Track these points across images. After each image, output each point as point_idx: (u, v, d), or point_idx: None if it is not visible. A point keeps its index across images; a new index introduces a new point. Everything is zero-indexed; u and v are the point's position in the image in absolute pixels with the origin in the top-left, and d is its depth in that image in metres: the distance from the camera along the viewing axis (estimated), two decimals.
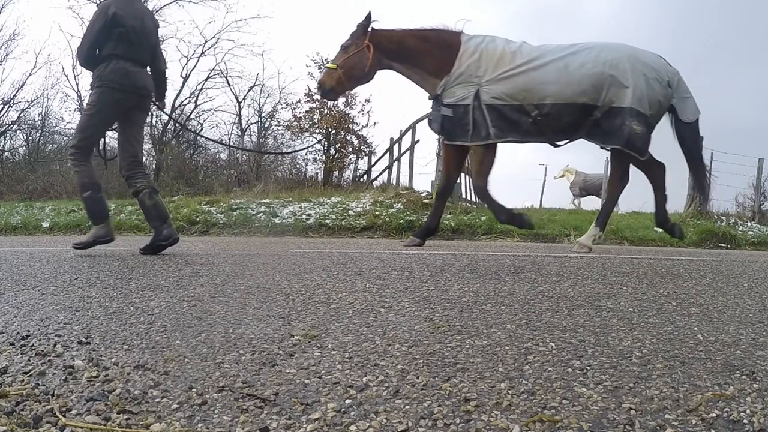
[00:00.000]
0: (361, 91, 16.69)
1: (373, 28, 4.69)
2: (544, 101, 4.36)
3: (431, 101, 4.73)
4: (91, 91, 3.70)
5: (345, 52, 4.71)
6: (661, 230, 7.39)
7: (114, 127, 3.90)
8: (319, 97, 5.28)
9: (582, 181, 16.23)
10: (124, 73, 3.62)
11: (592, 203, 15.51)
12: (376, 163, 15.05)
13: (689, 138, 4.69)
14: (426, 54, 4.60)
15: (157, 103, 4.13)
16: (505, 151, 4.88)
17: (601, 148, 4.69)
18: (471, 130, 4.40)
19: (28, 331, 1.53)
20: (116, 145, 3.91)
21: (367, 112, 15.78)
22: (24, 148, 18.38)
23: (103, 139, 3.91)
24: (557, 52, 4.48)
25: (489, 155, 4.60)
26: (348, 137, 15.60)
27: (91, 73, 3.68)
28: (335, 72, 4.68)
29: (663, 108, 4.52)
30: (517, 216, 4.82)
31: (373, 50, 4.60)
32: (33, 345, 1.39)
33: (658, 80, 4.42)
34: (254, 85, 19.68)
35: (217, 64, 23.44)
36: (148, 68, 3.89)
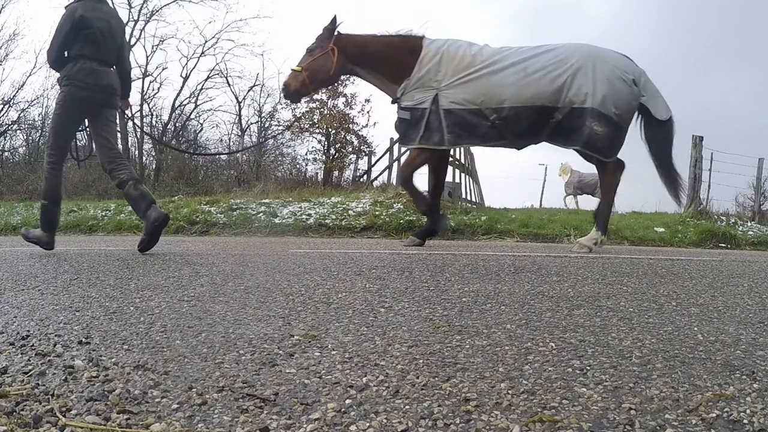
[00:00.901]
0: (361, 92, 16.71)
1: (338, 32, 4.76)
2: (502, 105, 4.37)
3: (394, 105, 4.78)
4: (59, 91, 3.81)
5: (310, 55, 4.78)
6: (662, 230, 7.40)
7: (86, 127, 3.98)
8: (283, 98, 5.40)
9: (577, 181, 16.23)
10: (90, 72, 3.71)
11: (591, 203, 15.46)
12: (376, 163, 15.05)
13: (662, 137, 4.63)
14: (388, 59, 4.66)
15: (120, 103, 4.21)
16: (506, 151, 4.85)
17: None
18: (421, 133, 4.44)
19: (28, 331, 1.53)
20: (95, 147, 4.01)
21: (367, 112, 15.79)
22: (24, 148, 18.40)
23: (75, 140, 4.02)
24: (518, 54, 4.49)
25: (425, 156, 4.70)
26: (348, 137, 15.61)
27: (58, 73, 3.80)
28: (300, 74, 4.76)
29: (632, 107, 4.47)
30: (436, 213, 4.89)
31: (337, 54, 4.66)
32: (33, 345, 1.39)
33: (623, 79, 4.39)
34: (254, 85, 19.71)
35: (217, 64, 23.48)
36: (114, 68, 3.98)
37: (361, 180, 14.66)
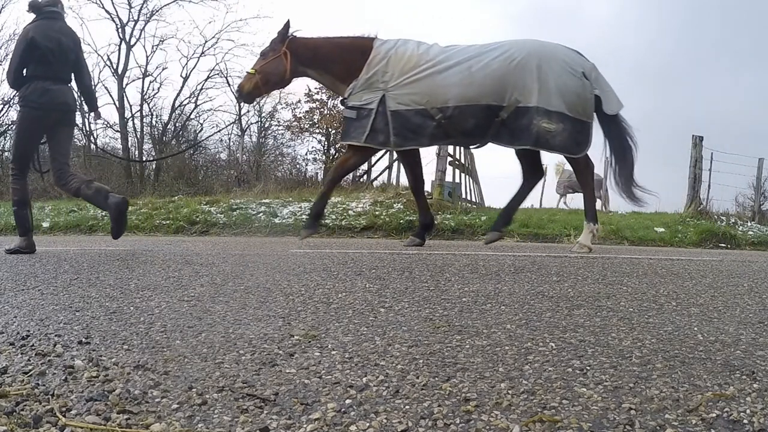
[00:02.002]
0: None
1: (292, 36, 4.87)
2: (446, 104, 4.39)
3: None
4: (18, 110, 4.06)
5: (264, 58, 4.92)
6: (662, 230, 7.40)
7: (44, 141, 4.17)
8: (236, 99, 5.70)
9: (567, 180, 16.22)
10: (42, 92, 3.87)
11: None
12: (376, 163, 15.03)
13: (614, 131, 4.63)
14: (338, 60, 4.75)
15: (90, 114, 4.43)
16: (505, 151, 4.85)
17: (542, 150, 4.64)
18: (367, 132, 4.47)
19: (28, 331, 1.53)
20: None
21: None
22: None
23: (36, 154, 4.22)
24: (464, 53, 4.50)
25: (358, 158, 4.81)
26: None
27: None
28: (254, 77, 4.88)
29: (585, 99, 4.42)
30: (316, 221, 4.95)
31: (290, 57, 4.77)
32: (33, 345, 1.39)
33: (571, 73, 4.37)
34: None
35: (217, 64, 23.46)
36: (74, 83, 4.15)
37: (361, 180, 14.64)
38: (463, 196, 11.04)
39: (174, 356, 1.32)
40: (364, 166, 15.92)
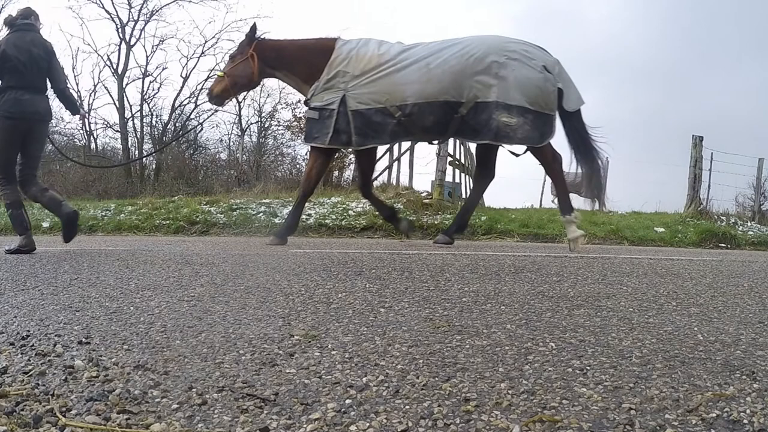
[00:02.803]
0: None
1: (259, 39, 4.98)
2: (405, 102, 4.43)
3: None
4: None
5: (232, 61, 5.04)
6: (662, 230, 7.40)
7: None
8: (207, 102, 5.87)
9: None
10: (14, 102, 3.98)
11: (594, 202, 15.41)
12: (376, 163, 15.02)
13: (573, 128, 4.64)
14: (301, 62, 4.83)
15: (76, 117, 4.66)
16: (505, 151, 4.85)
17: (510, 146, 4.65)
18: (330, 133, 4.54)
19: (28, 331, 1.53)
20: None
21: None
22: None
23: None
24: (423, 51, 4.53)
25: (323, 160, 4.89)
26: None
27: None
28: (223, 80, 5.00)
29: (548, 91, 4.42)
30: (288, 233, 5.05)
31: (256, 59, 4.87)
32: (33, 345, 1.39)
33: (531, 67, 4.38)
34: None
35: (217, 64, 23.42)
36: (51, 91, 4.28)
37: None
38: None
39: (174, 356, 1.32)
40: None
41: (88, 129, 16.88)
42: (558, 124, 4.59)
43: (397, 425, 0.95)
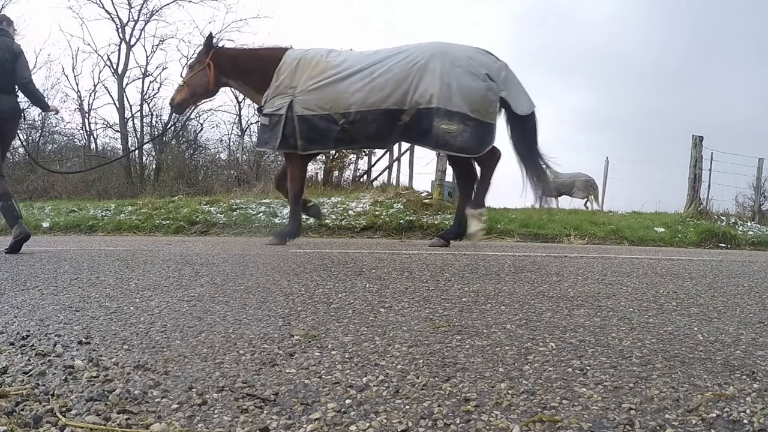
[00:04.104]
0: None
1: (216, 48, 5.10)
2: (349, 109, 4.51)
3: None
4: None
5: (191, 70, 5.17)
6: (662, 230, 7.39)
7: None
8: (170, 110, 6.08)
9: (553, 181, 16.17)
10: None
11: (596, 203, 15.42)
12: (376, 163, 15.05)
13: (524, 132, 4.65)
14: (255, 71, 4.92)
15: (49, 113, 4.79)
16: (506, 151, 4.85)
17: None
18: (280, 138, 4.64)
19: (28, 331, 1.53)
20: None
21: None
22: (24, 148, 18.31)
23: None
24: (368, 58, 4.60)
25: (298, 164, 4.97)
26: None
27: None
28: (183, 88, 5.12)
29: (489, 101, 4.43)
30: (291, 237, 5.09)
31: (213, 68, 4.97)
32: (33, 345, 1.39)
33: (474, 74, 4.39)
34: None
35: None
36: (18, 91, 4.42)
37: (361, 180, 14.65)
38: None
39: (174, 356, 1.32)
40: (364, 167, 15.93)
41: (88, 129, 16.87)
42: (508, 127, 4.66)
43: (397, 425, 0.95)
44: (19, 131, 5.06)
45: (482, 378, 1.19)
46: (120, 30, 17.71)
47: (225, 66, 5.01)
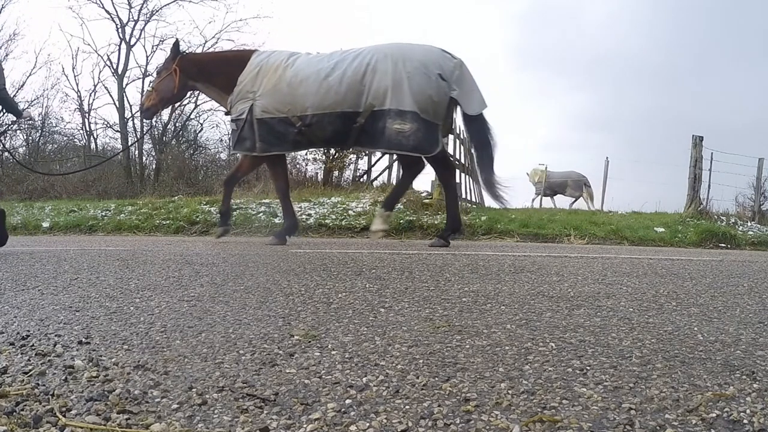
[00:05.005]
0: None
1: (183, 53, 5.28)
2: (305, 112, 4.59)
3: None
4: None
5: (159, 76, 5.33)
6: (662, 230, 7.40)
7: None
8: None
9: (547, 179, 16.20)
10: None
11: (603, 204, 15.40)
12: (376, 163, 15.03)
13: (476, 131, 4.69)
14: (221, 74, 5.05)
15: (22, 120, 4.97)
16: (507, 150, 4.87)
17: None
18: (242, 140, 4.82)
19: (28, 331, 1.53)
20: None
21: None
22: (24, 148, 18.33)
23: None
24: (325, 62, 4.66)
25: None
26: None
27: None
28: (152, 94, 5.29)
29: (438, 102, 4.47)
30: (288, 233, 5.25)
31: (179, 74, 5.12)
32: (33, 345, 1.39)
33: (426, 74, 4.42)
34: None
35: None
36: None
37: (361, 180, 14.64)
38: (463, 195, 11.03)
39: (174, 356, 1.32)
40: (364, 167, 15.95)
41: (88, 129, 16.87)
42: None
43: (397, 425, 0.95)
44: (19, 131, 5.21)
45: (482, 378, 1.19)
46: (120, 30, 17.71)
47: (190, 70, 5.17)
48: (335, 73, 4.53)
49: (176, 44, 5.31)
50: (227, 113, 5.05)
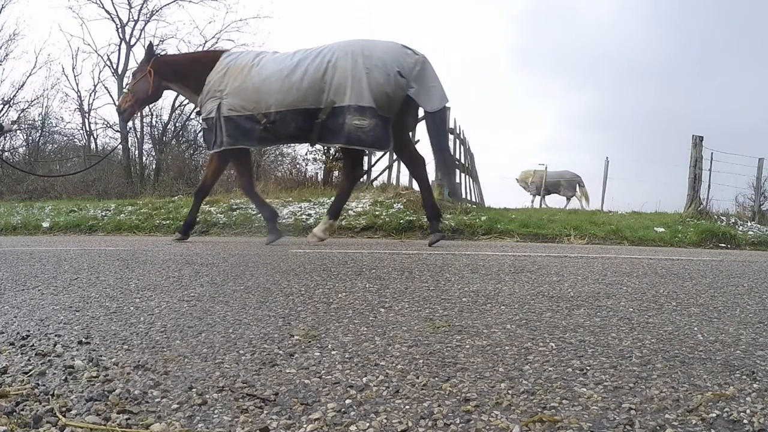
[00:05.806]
0: None
1: (157, 55, 5.43)
2: (270, 110, 4.70)
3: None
4: None
5: (134, 78, 5.48)
6: (662, 230, 7.40)
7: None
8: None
9: (539, 180, 16.22)
10: None
11: (599, 203, 15.40)
12: (376, 163, 15.02)
13: (433, 127, 4.78)
14: (192, 74, 5.18)
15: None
16: (507, 150, 4.91)
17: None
18: (208, 139, 4.98)
19: (28, 331, 1.53)
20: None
21: None
22: (24, 148, 18.33)
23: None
24: (288, 60, 4.74)
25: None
26: None
27: None
28: (128, 96, 5.43)
29: (394, 99, 4.56)
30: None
31: (153, 75, 5.26)
32: (33, 345, 1.39)
33: (384, 71, 4.49)
34: None
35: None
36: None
37: (361, 180, 14.63)
38: (463, 195, 11.04)
39: (174, 356, 1.32)
40: (364, 167, 15.94)
41: (88, 129, 16.87)
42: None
43: (397, 425, 0.95)
44: (19, 131, 5.28)
45: (482, 378, 1.19)
46: (120, 30, 17.71)
47: (164, 71, 5.30)
48: (297, 71, 4.63)
49: (150, 46, 5.49)
50: (198, 113, 5.16)
